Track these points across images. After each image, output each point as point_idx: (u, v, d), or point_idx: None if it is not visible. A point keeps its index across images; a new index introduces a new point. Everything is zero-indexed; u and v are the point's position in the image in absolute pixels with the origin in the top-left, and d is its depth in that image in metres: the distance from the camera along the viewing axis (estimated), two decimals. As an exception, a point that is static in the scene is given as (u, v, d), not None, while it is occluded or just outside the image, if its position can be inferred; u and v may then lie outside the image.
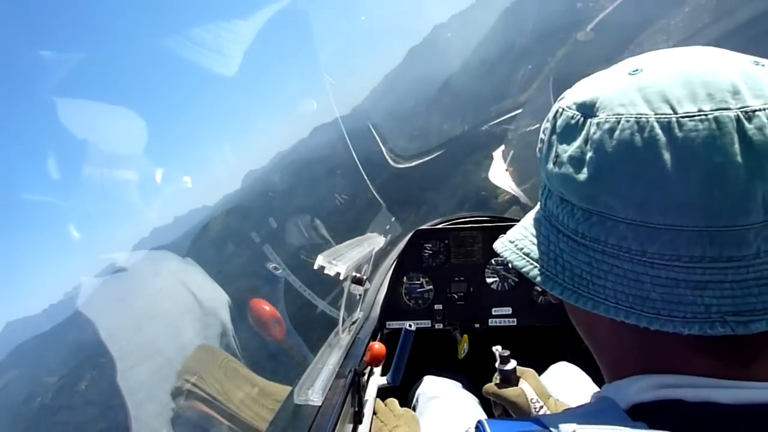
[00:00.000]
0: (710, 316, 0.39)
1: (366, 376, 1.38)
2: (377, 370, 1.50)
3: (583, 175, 0.43)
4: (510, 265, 0.54)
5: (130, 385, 1.02)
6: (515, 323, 2.02)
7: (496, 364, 1.24)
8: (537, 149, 0.52)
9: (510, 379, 1.22)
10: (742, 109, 0.37)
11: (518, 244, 0.54)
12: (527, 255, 0.52)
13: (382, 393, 1.42)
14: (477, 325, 2.03)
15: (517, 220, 0.61)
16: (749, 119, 0.36)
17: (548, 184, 0.50)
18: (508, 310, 2.03)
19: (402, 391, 1.57)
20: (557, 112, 0.48)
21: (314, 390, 1.05)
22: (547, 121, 0.50)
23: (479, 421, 0.49)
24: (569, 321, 0.59)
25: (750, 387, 0.39)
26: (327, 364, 1.22)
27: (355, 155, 2.93)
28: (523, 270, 0.51)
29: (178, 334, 1.27)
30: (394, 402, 1.35)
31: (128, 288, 1.12)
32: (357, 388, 1.25)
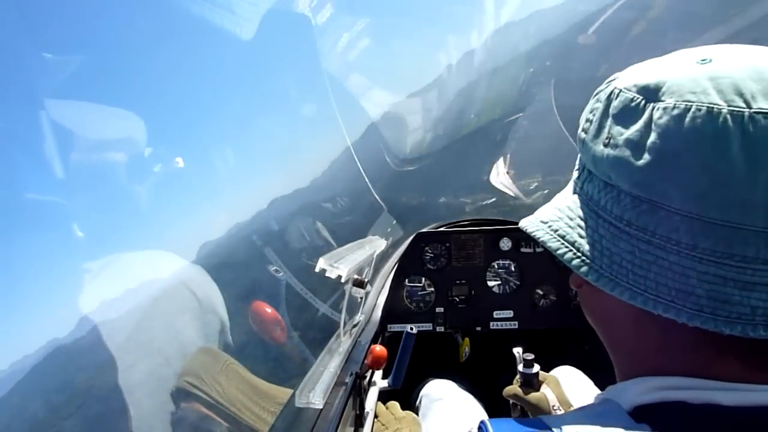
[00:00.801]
0: (754, 318, 0.38)
1: (367, 379, 1.38)
2: (378, 373, 1.49)
3: (641, 160, 0.41)
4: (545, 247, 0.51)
5: (128, 388, 1.02)
6: (516, 326, 2.02)
7: (519, 367, 1.23)
8: (581, 129, 0.50)
9: (532, 383, 1.21)
10: None
11: (553, 226, 0.51)
12: (563, 237, 0.49)
13: (384, 396, 1.42)
14: (478, 328, 2.03)
15: (516, 223, 0.59)
16: None
17: (592, 166, 0.48)
18: (509, 313, 2.03)
19: (403, 393, 1.56)
20: (612, 92, 0.46)
21: (315, 393, 1.05)
22: (597, 101, 0.48)
23: (482, 421, 0.49)
24: (571, 324, 0.58)
25: (755, 390, 0.39)
26: (328, 367, 1.21)
27: (356, 157, 2.93)
28: (558, 252, 0.49)
29: (178, 336, 1.26)
30: (395, 405, 1.35)
31: (127, 289, 1.13)
32: (358, 391, 1.25)
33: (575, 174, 0.53)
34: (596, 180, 0.47)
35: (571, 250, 0.48)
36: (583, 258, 0.47)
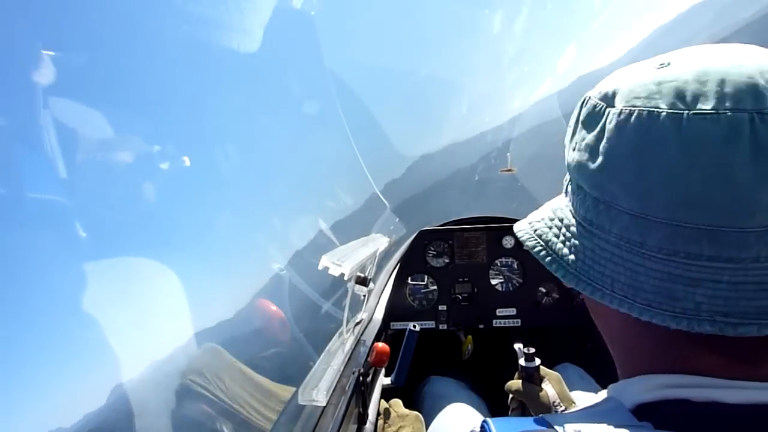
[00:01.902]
0: (699, 314, 0.39)
1: (370, 377, 1.38)
2: (381, 370, 1.50)
3: (595, 163, 0.44)
4: (524, 246, 0.56)
5: (133, 386, 1.02)
6: (519, 324, 2.02)
7: (520, 362, 1.23)
8: (565, 136, 0.53)
9: (533, 378, 1.21)
10: (758, 111, 0.36)
11: (534, 226, 0.55)
12: (539, 237, 0.53)
13: (387, 394, 1.42)
14: (481, 326, 2.03)
15: (519, 221, 0.61)
16: (763, 121, 0.36)
17: (568, 170, 0.51)
18: (512, 311, 2.03)
19: (406, 391, 1.56)
20: (584, 100, 0.49)
21: (319, 391, 1.05)
22: (576, 109, 0.51)
23: (484, 421, 0.50)
24: (573, 322, 0.59)
25: (757, 387, 0.39)
26: (331, 364, 1.22)
27: (359, 155, 2.93)
28: (534, 250, 0.52)
29: (183, 334, 1.27)
30: (398, 403, 1.35)
31: (130, 286, 1.13)
32: (361, 389, 1.26)
33: (565, 177, 0.56)
34: (573, 183, 0.50)
35: (544, 249, 0.51)
36: (553, 255, 0.50)
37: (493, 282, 2.05)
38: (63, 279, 0.98)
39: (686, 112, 0.38)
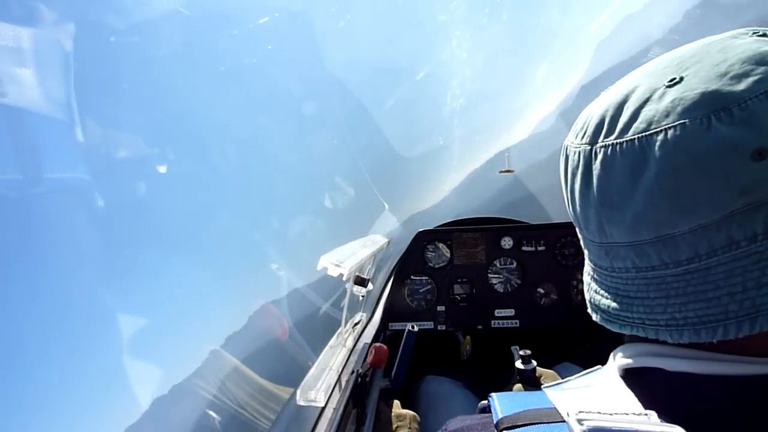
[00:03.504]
0: (644, 322, 0.42)
1: (368, 378, 1.38)
2: (380, 371, 1.50)
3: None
4: None
5: (130, 386, 1.02)
6: (518, 325, 2.02)
7: (517, 364, 1.23)
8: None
9: (531, 379, 1.21)
10: (598, 145, 0.41)
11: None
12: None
13: (385, 394, 1.42)
14: (479, 327, 2.03)
15: (518, 221, 0.62)
16: (596, 155, 0.41)
17: None
18: (510, 312, 2.03)
19: (404, 392, 1.57)
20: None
21: (317, 391, 1.06)
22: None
23: (489, 395, 0.52)
24: (572, 323, 0.60)
25: (724, 360, 0.39)
26: (330, 365, 1.22)
27: (358, 155, 2.93)
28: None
29: (181, 335, 1.27)
30: (396, 403, 1.35)
31: (131, 289, 1.13)
32: (359, 390, 1.26)
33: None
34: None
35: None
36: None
37: (492, 282, 2.06)
38: (61, 279, 0.98)
39: (568, 142, 0.45)
